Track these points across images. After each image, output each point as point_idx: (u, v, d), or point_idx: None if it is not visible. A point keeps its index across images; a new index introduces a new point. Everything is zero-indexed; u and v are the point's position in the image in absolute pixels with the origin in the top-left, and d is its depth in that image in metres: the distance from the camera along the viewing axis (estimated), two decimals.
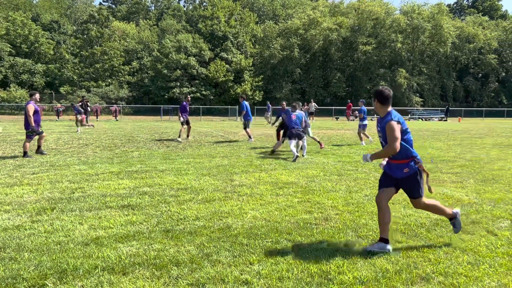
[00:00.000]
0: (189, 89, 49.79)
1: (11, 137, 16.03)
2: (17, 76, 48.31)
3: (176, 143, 14.62)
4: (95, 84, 49.21)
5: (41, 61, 51.50)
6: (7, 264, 3.70)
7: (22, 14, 52.56)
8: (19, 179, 7.58)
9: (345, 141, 15.95)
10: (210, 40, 55.02)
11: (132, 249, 4.10)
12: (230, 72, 51.95)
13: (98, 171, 8.50)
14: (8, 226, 4.77)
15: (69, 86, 48.88)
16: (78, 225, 4.83)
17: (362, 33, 57.26)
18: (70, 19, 63.13)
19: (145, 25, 60.67)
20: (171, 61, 49.82)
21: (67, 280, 3.39)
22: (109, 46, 51.32)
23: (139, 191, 6.69)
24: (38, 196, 6.24)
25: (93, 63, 50.72)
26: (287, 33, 56.69)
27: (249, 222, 5.04)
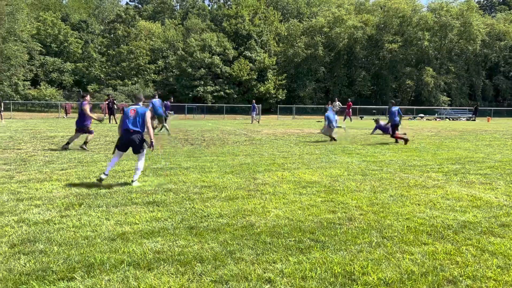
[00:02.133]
0: (212, 87, 50.16)
1: (41, 134, 16.50)
2: (47, 75, 49.69)
3: (200, 142, 14.74)
4: (122, 83, 50.14)
5: (70, 60, 52.79)
6: (38, 257, 3.82)
7: (52, 14, 53.99)
8: (48, 175, 7.81)
9: (370, 140, 15.73)
10: (234, 38, 55.20)
11: (157, 245, 4.16)
12: (253, 70, 52.01)
13: (124, 168, 8.67)
14: (38, 220, 4.92)
15: (96, 85, 49.98)
16: (105, 221, 4.94)
17: (388, 31, 56.39)
18: (98, 19, 64.46)
19: (171, 24, 61.37)
20: (196, 60, 50.26)
21: (94, 274, 3.48)
22: (135, 45, 52.17)
23: (164, 188, 6.79)
24: (66, 192, 6.42)
25: (120, 62, 51.67)
26: (311, 32, 56.36)
27: (272, 220, 5.05)
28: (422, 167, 9.37)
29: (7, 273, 3.47)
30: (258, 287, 3.31)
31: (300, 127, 24.65)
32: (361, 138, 16.92)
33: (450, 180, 7.84)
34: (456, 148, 13.56)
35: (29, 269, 3.56)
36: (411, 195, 6.47)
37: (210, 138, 15.90)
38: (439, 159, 10.65)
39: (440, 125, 30.74)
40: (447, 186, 7.25)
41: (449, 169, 9.11)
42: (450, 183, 7.55)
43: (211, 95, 49.83)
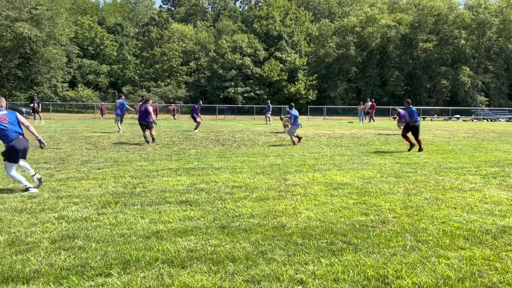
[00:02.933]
0: (243, 88, 50.46)
1: (79, 134, 17.07)
2: (84, 77, 51.39)
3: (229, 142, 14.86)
4: (155, 84, 51.21)
5: (106, 62, 54.39)
6: (77, 253, 3.97)
7: (89, 18, 55.83)
8: (86, 174, 8.08)
9: (403, 142, 15.41)
10: (265, 39, 55.35)
11: (190, 243, 4.24)
12: (284, 71, 51.98)
13: (158, 168, 8.86)
14: (77, 218, 5.11)
15: (130, 86, 51.27)
16: (140, 219, 5.07)
17: (422, 30, 55.04)
18: (133, 22, 66.11)
19: (202, 26, 62.18)
20: (227, 61, 50.71)
21: (130, 271, 3.58)
22: (168, 47, 53.17)
23: (196, 187, 6.89)
24: (103, 190, 6.62)
25: (153, 63, 52.80)
26: (343, 31, 55.76)
27: (303, 222, 5.03)
28: (459, 169, 9.10)
29: (49, 267, 3.62)
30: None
31: (331, 128, 24.42)
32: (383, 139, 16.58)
33: (488, 183, 7.58)
34: (495, 150, 13.08)
35: (69, 264, 3.70)
36: (447, 198, 6.30)
37: (241, 139, 15.99)
38: (476, 162, 10.31)
39: (477, 126, 29.72)
40: (485, 189, 7.02)
41: (487, 172, 8.81)
42: (488, 186, 7.30)
43: (242, 96, 50.14)
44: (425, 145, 14.37)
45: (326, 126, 26.23)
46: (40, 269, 3.59)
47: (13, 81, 44.60)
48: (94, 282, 3.37)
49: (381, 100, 53.75)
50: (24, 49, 43.43)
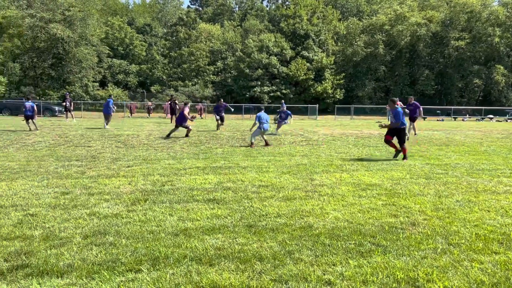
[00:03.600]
0: (269, 88, 50.44)
1: (109, 133, 17.46)
2: (113, 76, 52.55)
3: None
4: (182, 84, 51.83)
5: (135, 62, 55.44)
6: (108, 248, 4.07)
7: (119, 19, 57.03)
8: (116, 171, 8.26)
9: (434, 143, 15.05)
10: (291, 38, 55.15)
11: (218, 241, 4.27)
12: (310, 70, 51.65)
13: (186, 166, 8.96)
14: (107, 214, 5.23)
15: (159, 86, 52.09)
16: (169, 216, 5.15)
17: (454, 27, 53.55)
18: (161, 22, 67.14)
19: (230, 26, 62.50)
20: (253, 61, 50.81)
21: (159, 267, 3.64)
22: (196, 47, 53.71)
23: (223, 186, 6.94)
24: (132, 188, 6.76)
25: (181, 63, 53.46)
26: (371, 30, 54.92)
27: (331, 222, 4.99)
28: (492, 171, 8.81)
29: (82, 262, 3.72)
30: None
31: (358, 127, 24.10)
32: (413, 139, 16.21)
33: None
34: None
35: (100, 259, 3.79)
36: (480, 201, 6.12)
37: (267, 138, 15.99)
38: (511, 163, 9.97)
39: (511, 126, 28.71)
40: None
41: None
42: None
43: (268, 95, 50.13)
44: (456, 145, 13.97)
45: (354, 126, 25.92)
46: (73, 263, 3.69)
47: (47, 80, 46.05)
48: (124, 277, 3.45)
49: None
50: (57, 49, 44.78)
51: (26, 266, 3.63)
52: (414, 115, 17.58)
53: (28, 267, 3.60)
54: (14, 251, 3.94)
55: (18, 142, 13.15)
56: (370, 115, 45.46)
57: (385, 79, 55.07)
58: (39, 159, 9.70)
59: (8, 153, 10.74)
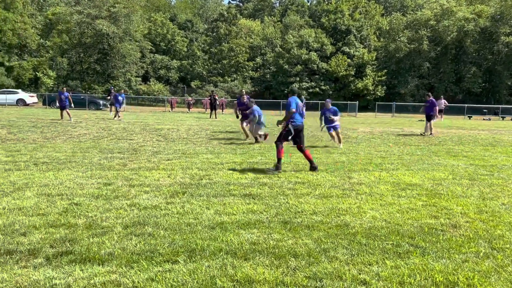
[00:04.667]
0: (308, 84, 50.04)
1: (150, 126, 17.93)
2: (156, 71, 53.83)
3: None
4: (222, 79, 52.38)
5: (176, 57, 56.51)
6: (147, 239, 4.19)
7: (162, 15, 58.29)
8: (156, 164, 8.48)
9: (479, 143, 14.43)
10: (332, 34, 54.40)
11: (253, 236, 4.30)
12: (351, 66, 50.78)
13: (223, 161, 9.07)
14: (147, 205, 5.38)
15: (199, 81, 52.89)
16: (206, 210, 5.24)
17: (505, 22, 50.89)
18: (202, 18, 67.98)
19: (270, 22, 62.41)
20: (292, 56, 50.55)
21: (195, 259, 3.71)
22: (236, 43, 54.06)
23: (260, 181, 6.97)
24: (171, 181, 6.91)
25: (221, 59, 54.00)
26: (415, 25, 53.18)
27: (368, 222, 4.90)
28: None
29: (121, 251, 3.86)
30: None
31: (400, 125, 23.47)
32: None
33: None
34: None
35: (139, 249, 3.91)
36: None
37: (305, 135, 15.89)
38: None
39: None
40: None
41: None
42: None
43: (306, 92, 49.75)
44: (503, 146, 13.32)
45: (395, 124, 25.26)
46: (113, 252, 3.83)
47: (92, 75, 47.84)
48: (162, 267, 3.54)
49: (455, 97, 50.69)
50: (103, 45, 46.40)
51: (70, 252, 3.80)
52: (430, 113, 17.08)
53: (72, 254, 3.76)
54: (59, 238, 4.14)
55: (65, 134, 13.76)
56: (412, 113, 44.15)
57: (429, 76, 53.23)
58: (83, 151, 10.10)
59: (56, 144, 11.26)
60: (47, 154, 9.48)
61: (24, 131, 14.46)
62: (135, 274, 3.39)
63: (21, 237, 4.13)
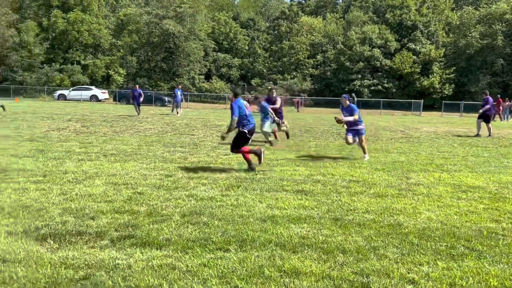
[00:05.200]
0: (370, 81, 48.78)
1: (210, 123, 18.51)
2: (218, 69, 55.14)
3: None
4: (281, 77, 52.52)
5: (238, 55, 57.46)
6: (202, 227, 4.42)
7: (225, 14, 59.51)
8: (214, 158, 8.81)
9: None
10: (397, 30, 52.52)
11: (303, 231, 4.39)
12: (417, 63, 48.75)
13: (278, 157, 9.20)
14: (204, 197, 5.65)
15: (259, 79, 53.44)
16: (258, 203, 5.40)
17: None
18: (264, 16, 68.45)
19: (332, 19, 61.51)
20: (355, 54, 49.52)
21: (246, 249, 3.87)
22: (297, 40, 53.92)
23: (313, 179, 7.01)
24: (228, 174, 7.16)
25: (281, 57, 54.14)
26: (489, 19, 49.83)
27: (422, 222, 4.80)
28: None
29: (178, 238, 4.11)
30: (400, 286, 3.24)
31: (467, 125, 22.23)
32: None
33: None
34: None
35: (194, 237, 4.15)
36: None
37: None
38: None
39: None
40: None
41: None
42: None
43: (368, 89, 48.51)
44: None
45: (462, 124, 23.98)
46: (171, 238, 4.10)
47: (159, 73, 50.02)
48: (214, 255, 3.74)
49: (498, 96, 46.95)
50: (169, 44, 48.35)
51: (132, 237, 4.12)
52: (486, 112, 15.71)
53: (133, 238, 4.08)
54: (123, 223, 4.49)
55: (132, 128, 14.61)
56: None
57: (503, 73, 49.68)
58: (148, 144, 10.71)
59: (124, 137, 12.01)
60: (115, 146, 10.16)
61: (96, 125, 15.56)
62: (189, 259, 3.61)
63: (90, 221, 4.54)
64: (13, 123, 15.14)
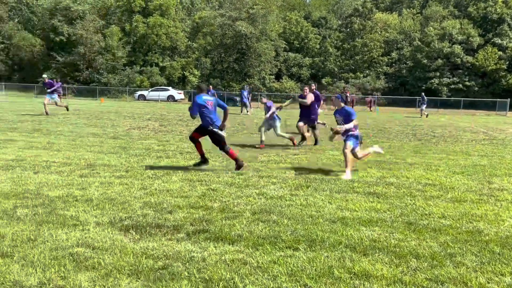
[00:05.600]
0: (449, 79, 46.01)
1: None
2: (288, 69, 55.26)
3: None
4: (353, 76, 51.37)
5: (308, 55, 57.13)
6: (271, 225, 4.52)
7: (296, 14, 59.45)
8: (283, 158, 8.89)
9: None
10: (481, 24, 48.98)
11: (374, 234, 4.31)
12: (503, 59, 45.09)
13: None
14: (273, 195, 5.75)
15: (330, 78, 52.73)
16: (328, 204, 5.39)
17: None
18: (336, 14, 67.33)
19: (408, 14, 58.87)
20: (433, 50, 47.02)
21: (315, 249, 3.90)
22: (370, 38, 52.41)
23: (386, 181, 6.83)
24: (297, 174, 7.21)
25: (354, 55, 52.95)
26: None
27: (505, 230, 4.50)
28: None
29: (249, 234, 4.25)
30: None
31: None
32: None
33: None
34: None
35: (264, 234, 4.26)
36: None
37: (441, 135, 14.79)
38: None
39: None
40: None
41: None
42: None
43: (447, 88, 45.77)
44: None
45: None
46: (242, 234, 4.24)
47: (231, 73, 51.29)
48: (283, 252, 3.81)
49: None
50: (241, 45, 49.39)
51: (206, 231, 4.32)
52: None
53: (207, 232, 4.28)
54: (197, 218, 4.72)
55: None
56: None
57: None
58: None
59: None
60: (191, 145, 10.63)
61: (173, 124, 16.38)
62: (259, 256, 3.72)
63: (168, 214, 4.83)
64: (100, 122, 16.41)
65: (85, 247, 3.80)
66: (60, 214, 4.71)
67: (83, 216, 4.68)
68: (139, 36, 50.04)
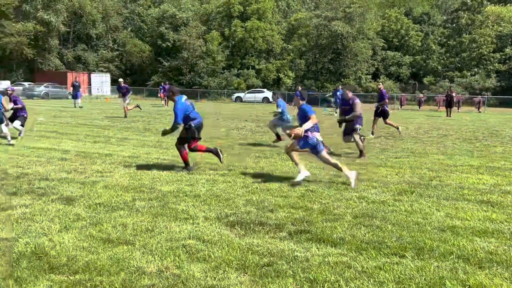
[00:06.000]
0: None
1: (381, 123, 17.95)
2: (386, 68, 53.05)
3: None
4: (459, 74, 47.59)
5: (409, 53, 54.24)
6: (375, 231, 4.41)
7: (396, 11, 56.82)
8: (383, 161, 8.58)
9: None
10: None
11: (490, 245, 3.98)
12: None
13: (457, 163, 8.44)
14: (375, 200, 5.59)
15: (432, 77, 49.51)
16: (435, 211, 5.09)
17: None
18: (441, 10, 63.00)
19: None
20: None
21: (424, 257, 3.72)
22: (480, 33, 48.11)
23: (501, 189, 6.24)
24: (399, 179, 6.92)
25: (460, 52, 49.09)
26: None
27: None
28: None
29: (351, 238, 4.19)
30: None
31: None
32: None
33: None
34: None
35: (368, 239, 4.17)
36: None
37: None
38: None
39: None
40: None
41: None
42: None
43: None
44: None
45: None
46: (344, 237, 4.20)
47: (325, 74, 50.73)
48: (389, 259, 3.70)
49: None
50: (336, 45, 48.60)
51: (307, 232, 4.36)
52: None
53: (309, 233, 4.31)
54: (298, 218, 4.78)
55: None
56: None
57: None
58: None
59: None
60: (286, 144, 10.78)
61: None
62: (364, 260, 3.66)
63: (269, 213, 4.96)
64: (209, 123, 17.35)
65: (196, 240, 4.07)
66: (172, 208, 5.10)
67: (192, 210, 5.02)
68: (237, 40, 51.87)
